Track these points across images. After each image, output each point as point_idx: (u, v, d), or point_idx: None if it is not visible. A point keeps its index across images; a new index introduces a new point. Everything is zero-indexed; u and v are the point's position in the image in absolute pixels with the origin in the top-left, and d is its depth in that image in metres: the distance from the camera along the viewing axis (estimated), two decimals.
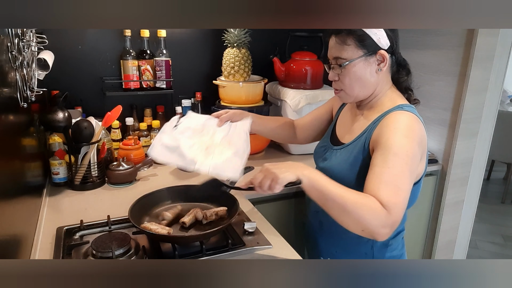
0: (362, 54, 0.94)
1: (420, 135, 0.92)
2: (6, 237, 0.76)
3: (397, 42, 0.98)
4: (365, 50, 0.94)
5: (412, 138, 0.89)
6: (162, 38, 1.68)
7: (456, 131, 1.60)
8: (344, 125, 1.11)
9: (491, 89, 1.59)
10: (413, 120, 0.93)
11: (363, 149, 0.96)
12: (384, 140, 0.89)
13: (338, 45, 0.96)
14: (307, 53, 1.76)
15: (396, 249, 1.06)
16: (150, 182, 1.44)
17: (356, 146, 0.99)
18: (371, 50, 0.94)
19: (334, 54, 0.98)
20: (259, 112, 1.69)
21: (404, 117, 0.92)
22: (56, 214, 1.17)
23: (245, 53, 1.65)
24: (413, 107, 0.99)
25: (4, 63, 0.85)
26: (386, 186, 0.84)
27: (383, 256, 1.05)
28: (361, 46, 0.94)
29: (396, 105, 0.97)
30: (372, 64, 0.96)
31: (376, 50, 0.94)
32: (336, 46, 0.97)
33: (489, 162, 3.77)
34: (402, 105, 0.97)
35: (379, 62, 0.96)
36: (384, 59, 0.95)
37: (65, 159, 1.35)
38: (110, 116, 1.41)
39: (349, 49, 0.94)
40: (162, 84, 1.70)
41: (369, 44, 0.94)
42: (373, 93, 1.01)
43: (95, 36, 1.67)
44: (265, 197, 1.38)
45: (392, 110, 0.96)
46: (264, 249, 1.02)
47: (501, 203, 3.41)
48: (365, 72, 0.96)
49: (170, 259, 0.95)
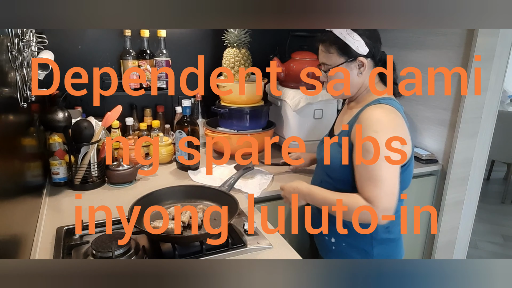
0: (344, 61, 1.08)
1: (393, 124, 1.02)
2: (6, 237, 0.76)
3: (377, 46, 1.10)
4: (346, 57, 1.08)
5: (382, 131, 0.99)
6: (162, 38, 1.68)
7: (456, 131, 1.60)
8: (339, 120, 1.24)
9: (491, 89, 1.59)
10: (385, 112, 1.03)
11: (348, 140, 1.07)
12: (358, 139, 1.02)
13: (324, 52, 1.11)
14: (307, 53, 1.76)
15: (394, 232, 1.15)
16: (150, 182, 1.44)
17: (342, 138, 1.10)
18: (351, 56, 1.08)
19: (322, 60, 1.13)
20: (259, 111, 1.69)
21: (375, 112, 1.03)
22: (56, 214, 1.17)
23: (245, 53, 1.65)
24: (391, 99, 1.09)
25: (4, 63, 0.85)
26: (365, 182, 0.99)
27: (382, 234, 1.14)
28: (342, 54, 1.08)
29: (374, 99, 1.09)
30: (353, 68, 1.10)
31: (356, 57, 1.07)
32: (322, 54, 1.12)
33: (489, 162, 3.77)
34: (380, 99, 1.08)
35: (359, 67, 1.09)
36: (364, 64, 1.08)
37: (65, 159, 1.35)
38: (110, 116, 1.41)
39: (332, 56, 1.10)
40: (162, 84, 1.70)
41: (349, 52, 1.07)
42: (358, 91, 1.14)
43: (95, 36, 1.67)
44: (265, 197, 1.38)
45: (369, 104, 1.07)
46: (264, 249, 1.02)
47: (501, 203, 3.41)
48: (347, 76, 1.10)
49: (170, 259, 0.95)
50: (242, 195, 1.33)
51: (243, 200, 1.29)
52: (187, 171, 1.51)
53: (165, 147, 1.59)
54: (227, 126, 1.68)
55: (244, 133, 1.64)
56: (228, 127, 1.68)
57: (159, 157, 1.59)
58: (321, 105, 1.72)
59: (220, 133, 1.65)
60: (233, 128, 1.67)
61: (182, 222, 1.04)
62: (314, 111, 1.72)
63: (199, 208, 1.10)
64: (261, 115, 1.71)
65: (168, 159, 1.62)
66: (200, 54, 1.86)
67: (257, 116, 1.69)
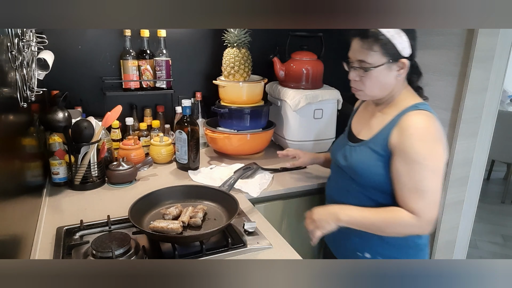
0: (385, 61, 1.00)
1: (435, 131, 0.98)
2: (6, 237, 0.76)
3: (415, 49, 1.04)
4: (389, 57, 0.99)
5: (428, 139, 0.96)
6: (162, 38, 1.68)
7: (456, 131, 1.60)
8: (361, 122, 1.17)
9: (491, 89, 1.59)
10: (427, 119, 0.99)
11: (385, 146, 1.02)
12: (403, 147, 0.97)
13: (364, 49, 1.00)
14: (307, 53, 1.76)
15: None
16: (150, 182, 1.44)
17: (377, 143, 1.04)
18: (394, 58, 1.00)
19: (359, 57, 1.02)
20: (259, 111, 1.69)
21: (419, 119, 0.99)
22: (56, 214, 1.17)
23: (245, 53, 1.65)
24: (426, 104, 1.05)
25: (4, 63, 0.85)
26: (410, 193, 0.96)
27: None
28: (386, 54, 0.99)
29: (412, 104, 1.03)
30: (393, 70, 1.02)
31: (398, 58, 1.00)
32: (362, 50, 1.01)
33: (489, 162, 3.77)
34: (417, 104, 1.03)
35: (399, 69, 1.02)
36: (404, 66, 1.01)
37: (65, 159, 1.35)
38: (110, 116, 1.41)
39: (374, 55, 0.99)
40: (162, 84, 1.70)
41: (393, 53, 0.99)
42: (390, 93, 1.07)
43: (95, 36, 1.67)
44: (265, 197, 1.38)
45: (408, 109, 1.01)
46: (264, 249, 1.02)
47: (501, 203, 3.41)
48: (385, 77, 1.02)
49: (170, 259, 0.95)
50: (242, 195, 1.33)
51: (243, 200, 1.29)
52: (187, 171, 1.51)
53: (165, 147, 1.59)
54: (227, 126, 1.68)
55: (244, 133, 1.64)
56: (228, 127, 1.68)
57: (159, 157, 1.59)
58: (321, 105, 1.72)
59: (220, 133, 1.65)
60: (233, 128, 1.67)
61: (182, 222, 1.04)
62: (314, 111, 1.72)
63: (199, 208, 1.10)
64: (261, 115, 1.71)
65: (168, 159, 1.62)
66: (200, 54, 1.86)
67: (257, 116, 1.69)
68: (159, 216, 1.09)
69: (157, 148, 1.58)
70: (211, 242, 1.03)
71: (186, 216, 1.05)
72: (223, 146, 1.67)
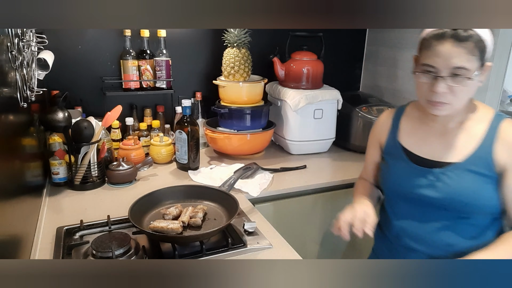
0: (479, 66, 0.86)
1: None
2: (6, 237, 0.76)
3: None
4: (482, 62, 0.86)
5: None
6: (162, 38, 1.68)
7: None
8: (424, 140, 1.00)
9: (491, 89, 1.59)
10: None
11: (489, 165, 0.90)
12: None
13: (465, 55, 0.83)
14: (307, 53, 1.76)
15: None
16: (150, 182, 1.44)
17: (478, 164, 0.91)
18: (483, 61, 0.87)
19: (457, 64, 0.84)
20: (259, 111, 1.69)
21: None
22: (56, 214, 1.17)
23: (245, 53, 1.65)
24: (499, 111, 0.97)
25: (4, 63, 0.85)
26: None
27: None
28: (481, 58, 0.86)
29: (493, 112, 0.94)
30: (481, 75, 0.88)
31: (484, 62, 0.88)
32: (460, 55, 0.83)
33: None
34: (498, 113, 0.94)
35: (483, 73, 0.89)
36: (488, 70, 0.89)
37: (65, 159, 1.35)
38: (110, 116, 1.41)
39: (474, 60, 0.84)
40: (162, 84, 1.70)
41: (484, 56, 0.86)
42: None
43: (95, 36, 1.67)
44: (265, 197, 1.38)
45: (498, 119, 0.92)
46: (264, 249, 1.02)
47: None
48: (476, 84, 0.88)
49: (170, 259, 0.95)
50: (242, 195, 1.33)
51: (243, 200, 1.29)
52: (187, 171, 1.51)
53: (165, 147, 1.59)
54: (227, 126, 1.68)
55: (244, 133, 1.64)
56: (228, 127, 1.68)
57: (159, 157, 1.59)
58: (321, 105, 1.72)
59: (220, 133, 1.65)
60: (233, 128, 1.67)
61: (182, 222, 1.04)
62: (314, 111, 1.72)
63: (199, 208, 1.10)
64: (261, 115, 1.71)
65: (168, 159, 1.62)
66: (200, 54, 1.86)
67: (257, 116, 1.69)
68: (159, 216, 1.09)
69: (157, 148, 1.58)
70: (211, 242, 1.03)
71: (186, 216, 1.05)
72: (223, 146, 1.68)
